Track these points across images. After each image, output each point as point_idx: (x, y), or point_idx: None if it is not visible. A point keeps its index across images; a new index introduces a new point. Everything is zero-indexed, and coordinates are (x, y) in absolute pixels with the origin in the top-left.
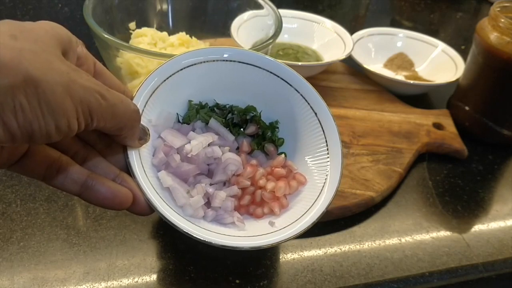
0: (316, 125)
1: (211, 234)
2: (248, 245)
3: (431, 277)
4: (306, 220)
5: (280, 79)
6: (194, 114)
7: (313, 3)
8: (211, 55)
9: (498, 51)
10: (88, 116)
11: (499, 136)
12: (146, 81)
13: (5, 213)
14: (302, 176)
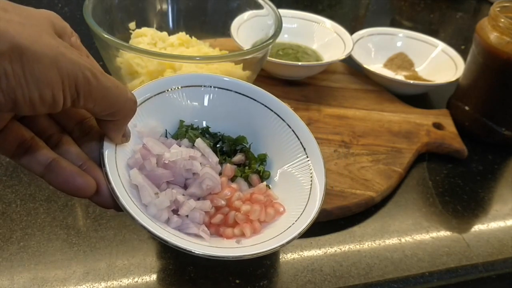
0: (303, 155)
1: (169, 235)
2: (207, 253)
3: (431, 277)
4: (275, 240)
5: (254, 101)
6: (183, 133)
7: (313, 3)
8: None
9: (498, 51)
10: (74, 91)
11: (499, 136)
12: (141, 88)
13: (5, 213)
14: (281, 206)
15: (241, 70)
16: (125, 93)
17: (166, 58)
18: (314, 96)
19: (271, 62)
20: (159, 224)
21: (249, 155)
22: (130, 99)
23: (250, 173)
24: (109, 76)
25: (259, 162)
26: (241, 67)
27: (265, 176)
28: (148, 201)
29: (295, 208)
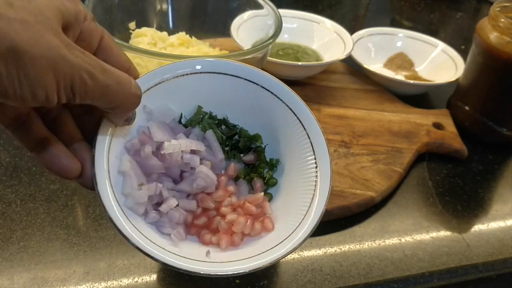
0: (312, 162)
1: (137, 234)
2: (160, 257)
3: (431, 277)
4: (247, 261)
5: (268, 91)
6: (198, 120)
7: (313, 3)
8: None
9: (498, 51)
10: (69, 92)
11: (499, 136)
12: (159, 69)
13: (5, 213)
14: (271, 223)
15: None
16: (127, 89)
17: (166, 58)
18: (314, 96)
19: (271, 62)
20: (133, 218)
21: (261, 157)
22: (132, 95)
23: (255, 177)
24: (112, 72)
25: (269, 167)
26: None
27: (270, 183)
28: (128, 192)
29: (287, 226)
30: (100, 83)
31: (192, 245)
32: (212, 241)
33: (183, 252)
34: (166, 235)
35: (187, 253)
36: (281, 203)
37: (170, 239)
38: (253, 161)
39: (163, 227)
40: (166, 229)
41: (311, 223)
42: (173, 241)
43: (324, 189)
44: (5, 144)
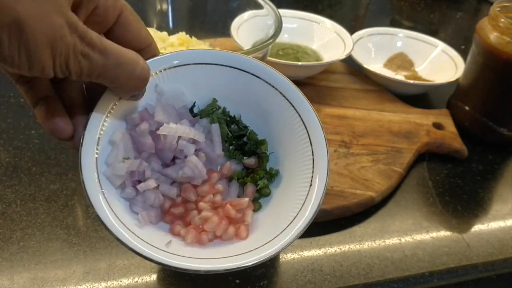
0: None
1: (101, 199)
2: (114, 229)
3: (431, 277)
4: (202, 262)
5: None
6: (209, 111)
7: (313, 3)
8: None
9: (498, 51)
10: (65, 69)
11: (499, 136)
12: (179, 52)
13: (5, 213)
14: (246, 232)
15: None
16: (130, 71)
17: None
18: (314, 96)
19: (271, 62)
20: (107, 188)
21: (262, 164)
22: (136, 77)
23: (248, 182)
24: (114, 53)
25: (267, 176)
26: None
27: (263, 192)
28: (110, 162)
29: (263, 238)
30: (97, 64)
31: (158, 232)
32: (180, 233)
33: (144, 235)
34: (134, 214)
35: (148, 236)
36: (269, 213)
37: (133, 218)
38: (253, 166)
39: (135, 206)
40: (137, 208)
41: (286, 240)
42: (139, 222)
43: (311, 209)
44: (5, 144)
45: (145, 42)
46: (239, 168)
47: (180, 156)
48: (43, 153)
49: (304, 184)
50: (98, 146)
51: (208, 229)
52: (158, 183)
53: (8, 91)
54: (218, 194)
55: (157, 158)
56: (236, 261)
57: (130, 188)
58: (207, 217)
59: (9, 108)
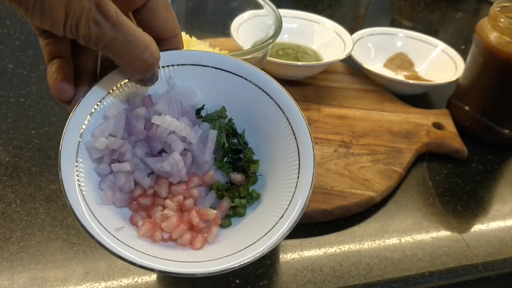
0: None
1: (71, 164)
2: (75, 203)
3: (431, 277)
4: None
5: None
6: (214, 118)
7: (313, 3)
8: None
9: (498, 51)
10: (74, 31)
11: (499, 136)
12: (202, 52)
13: (5, 213)
14: (201, 243)
15: None
16: (137, 52)
17: None
18: (314, 96)
19: (271, 62)
20: (82, 157)
21: (247, 184)
22: (142, 60)
23: (226, 196)
24: (126, 30)
25: (248, 197)
26: None
27: (237, 212)
28: (95, 134)
29: (219, 251)
30: (106, 34)
31: (116, 216)
32: (137, 224)
33: (98, 212)
34: (99, 191)
35: (102, 215)
36: (237, 231)
37: (96, 197)
38: (238, 183)
39: (103, 183)
40: (105, 186)
41: (238, 261)
42: (100, 199)
43: (280, 233)
44: (5, 144)
45: (170, 33)
46: (223, 181)
47: (167, 150)
48: (43, 153)
49: (280, 209)
50: (91, 117)
51: (164, 228)
52: (135, 169)
53: (8, 91)
54: (190, 198)
55: (145, 146)
56: (173, 266)
57: (105, 165)
58: (167, 215)
59: (9, 108)
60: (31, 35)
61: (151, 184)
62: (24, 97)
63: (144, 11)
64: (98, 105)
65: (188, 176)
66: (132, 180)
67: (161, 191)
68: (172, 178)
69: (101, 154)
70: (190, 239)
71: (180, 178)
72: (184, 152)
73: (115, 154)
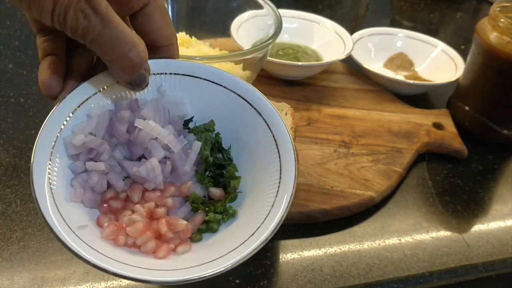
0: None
1: (43, 162)
2: (40, 194)
3: (431, 277)
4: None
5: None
6: (201, 130)
7: (313, 3)
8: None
9: (498, 51)
10: (62, 21)
11: (499, 136)
12: (191, 63)
13: (5, 213)
14: (163, 253)
15: (241, 70)
16: (124, 50)
17: None
18: (314, 96)
19: (271, 62)
20: (58, 152)
21: (225, 200)
22: (128, 58)
23: (201, 209)
24: (115, 26)
25: (224, 213)
26: (241, 67)
27: (210, 227)
28: (75, 131)
29: (180, 263)
30: (94, 28)
31: (82, 214)
32: (103, 225)
33: (63, 208)
34: (70, 187)
35: (66, 211)
36: (207, 245)
37: (66, 193)
38: (216, 198)
39: (75, 181)
40: (76, 184)
41: (194, 275)
42: (69, 195)
43: (246, 252)
44: (5, 144)
45: (165, 41)
46: (202, 194)
47: (147, 156)
48: None
49: (252, 228)
50: (74, 114)
51: (129, 233)
52: (110, 170)
53: (8, 91)
54: (163, 207)
55: (125, 150)
56: (129, 271)
57: (81, 162)
58: (134, 220)
59: (9, 108)
60: (31, 35)
61: (124, 188)
62: (24, 97)
63: (141, 17)
64: (82, 103)
65: (165, 185)
66: (105, 181)
67: (134, 195)
68: (147, 184)
69: (77, 151)
70: (154, 248)
71: (155, 185)
72: (164, 160)
73: (92, 153)
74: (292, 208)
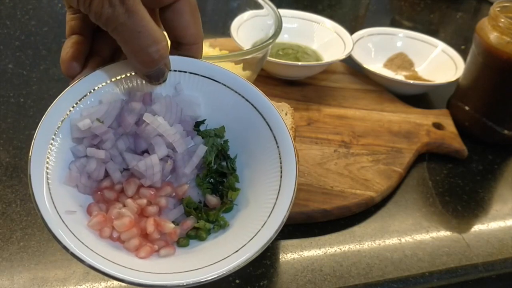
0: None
1: (46, 140)
2: (36, 173)
3: (431, 277)
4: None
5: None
6: (211, 135)
7: (313, 3)
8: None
9: (498, 51)
10: (88, 6)
11: (499, 136)
12: (212, 66)
13: (5, 213)
14: (145, 254)
15: (241, 70)
16: (144, 44)
17: None
18: (314, 96)
19: (271, 62)
20: (63, 132)
21: (219, 209)
22: (146, 53)
23: (193, 215)
24: (140, 19)
25: (215, 223)
26: (241, 67)
27: (199, 234)
28: (84, 114)
29: (167, 266)
30: (117, 17)
31: (73, 199)
32: (92, 214)
33: (55, 189)
34: (66, 169)
35: (57, 193)
36: (191, 251)
37: (62, 175)
38: (211, 206)
39: (73, 164)
40: (73, 167)
41: (172, 277)
42: (64, 178)
43: (227, 268)
44: (5, 144)
45: (191, 39)
46: (197, 199)
47: (150, 151)
48: None
49: (239, 244)
50: (86, 98)
51: (116, 226)
52: (110, 160)
53: (8, 91)
54: (155, 206)
55: (130, 142)
56: (105, 265)
57: (83, 147)
58: (122, 214)
59: (9, 108)
60: (31, 35)
61: (121, 179)
62: (24, 97)
63: (169, 12)
64: (96, 89)
65: (162, 184)
66: (103, 169)
67: (128, 189)
68: (144, 181)
69: (82, 135)
70: (137, 246)
71: (151, 183)
72: (165, 159)
73: (96, 139)
74: (292, 208)
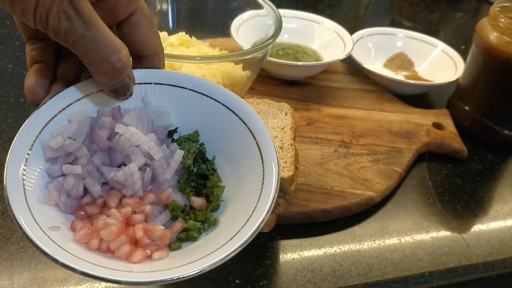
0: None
1: (20, 158)
2: (12, 194)
3: (431, 277)
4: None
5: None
6: (185, 140)
7: (313, 3)
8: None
9: (498, 51)
10: (44, 22)
11: (499, 136)
12: (176, 73)
13: (5, 213)
14: (137, 258)
15: (241, 70)
16: (105, 53)
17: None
18: (314, 96)
19: (271, 62)
20: (34, 154)
21: (206, 209)
22: (108, 62)
23: (180, 217)
24: (97, 30)
25: (206, 223)
26: (241, 67)
27: (190, 235)
28: (54, 134)
29: (156, 267)
30: (76, 30)
31: (55, 217)
32: (76, 229)
33: (35, 209)
34: (44, 189)
35: (38, 212)
36: (184, 251)
37: (41, 196)
38: (197, 208)
39: (50, 183)
40: (51, 186)
41: (164, 273)
42: (43, 198)
43: (215, 260)
44: (5, 144)
45: (151, 50)
46: (183, 203)
47: (127, 162)
48: None
49: (228, 235)
50: (55, 118)
51: (103, 236)
52: (87, 175)
53: (8, 91)
54: (140, 214)
55: (105, 157)
56: (98, 271)
57: (58, 166)
58: (108, 224)
59: (9, 108)
60: None
61: (101, 193)
62: (24, 97)
63: (126, 26)
64: (64, 109)
65: (144, 193)
66: (82, 185)
67: (111, 201)
68: (125, 191)
69: (55, 155)
70: (129, 253)
71: (133, 192)
72: (144, 168)
73: (70, 157)
74: (292, 208)
